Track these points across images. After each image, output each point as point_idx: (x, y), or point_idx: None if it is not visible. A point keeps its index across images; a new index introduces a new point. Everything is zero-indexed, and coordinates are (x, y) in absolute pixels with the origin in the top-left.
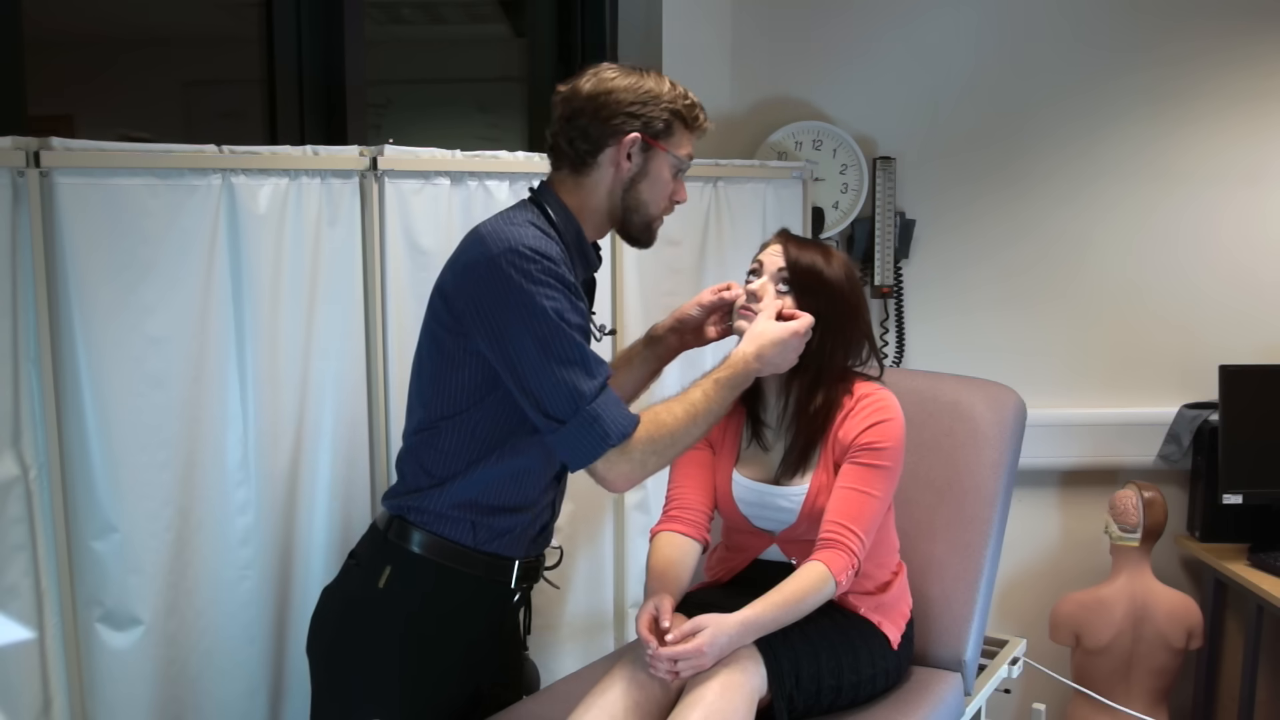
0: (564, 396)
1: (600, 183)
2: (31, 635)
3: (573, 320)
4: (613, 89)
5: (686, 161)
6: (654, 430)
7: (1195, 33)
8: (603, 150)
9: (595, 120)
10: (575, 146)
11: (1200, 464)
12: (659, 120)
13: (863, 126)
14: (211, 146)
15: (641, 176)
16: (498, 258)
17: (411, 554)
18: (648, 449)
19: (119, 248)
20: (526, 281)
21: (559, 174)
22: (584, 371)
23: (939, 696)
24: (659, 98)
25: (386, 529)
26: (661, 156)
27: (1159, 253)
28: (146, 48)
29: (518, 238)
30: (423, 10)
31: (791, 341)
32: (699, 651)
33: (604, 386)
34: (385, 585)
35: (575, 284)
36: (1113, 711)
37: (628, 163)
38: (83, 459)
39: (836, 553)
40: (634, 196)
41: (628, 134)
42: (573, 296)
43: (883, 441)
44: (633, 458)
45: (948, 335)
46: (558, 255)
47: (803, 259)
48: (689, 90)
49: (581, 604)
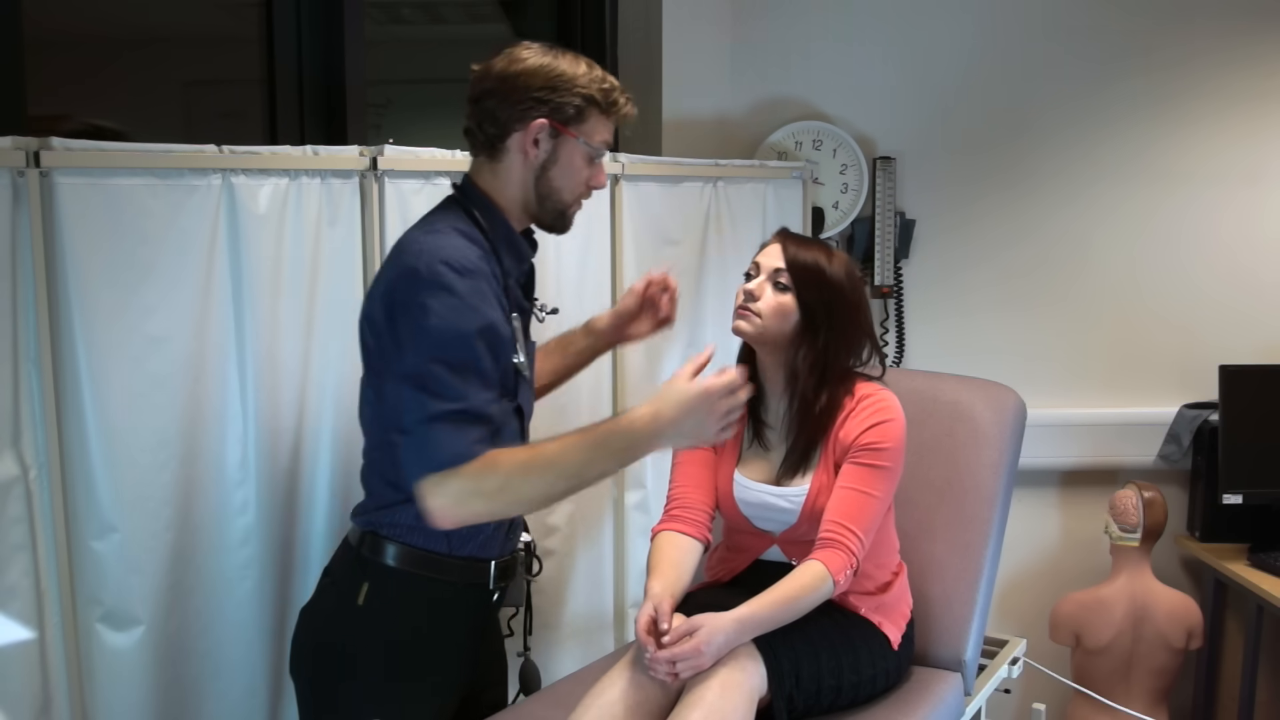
0: (411, 408)
1: (512, 169)
2: (31, 635)
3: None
4: (522, 71)
5: (602, 148)
6: (484, 470)
7: (1195, 33)
8: (510, 135)
9: (503, 103)
10: (484, 130)
11: (1200, 464)
12: (570, 106)
13: (863, 126)
14: (211, 146)
15: (552, 163)
16: (412, 271)
17: (388, 568)
18: (470, 488)
19: (119, 248)
20: (435, 297)
21: (477, 160)
22: (449, 391)
23: (939, 696)
24: (572, 81)
25: (359, 545)
26: (572, 143)
27: (1159, 253)
28: (146, 47)
29: (435, 252)
30: (423, 10)
31: (700, 404)
32: (696, 651)
33: (463, 413)
34: (365, 602)
35: (498, 291)
36: (1113, 711)
37: (535, 149)
38: (83, 459)
39: (835, 552)
40: (545, 184)
41: (535, 119)
42: (490, 306)
43: (883, 442)
44: (449, 491)
45: (948, 335)
46: (477, 265)
47: (803, 257)
48: (608, 74)
49: (581, 604)
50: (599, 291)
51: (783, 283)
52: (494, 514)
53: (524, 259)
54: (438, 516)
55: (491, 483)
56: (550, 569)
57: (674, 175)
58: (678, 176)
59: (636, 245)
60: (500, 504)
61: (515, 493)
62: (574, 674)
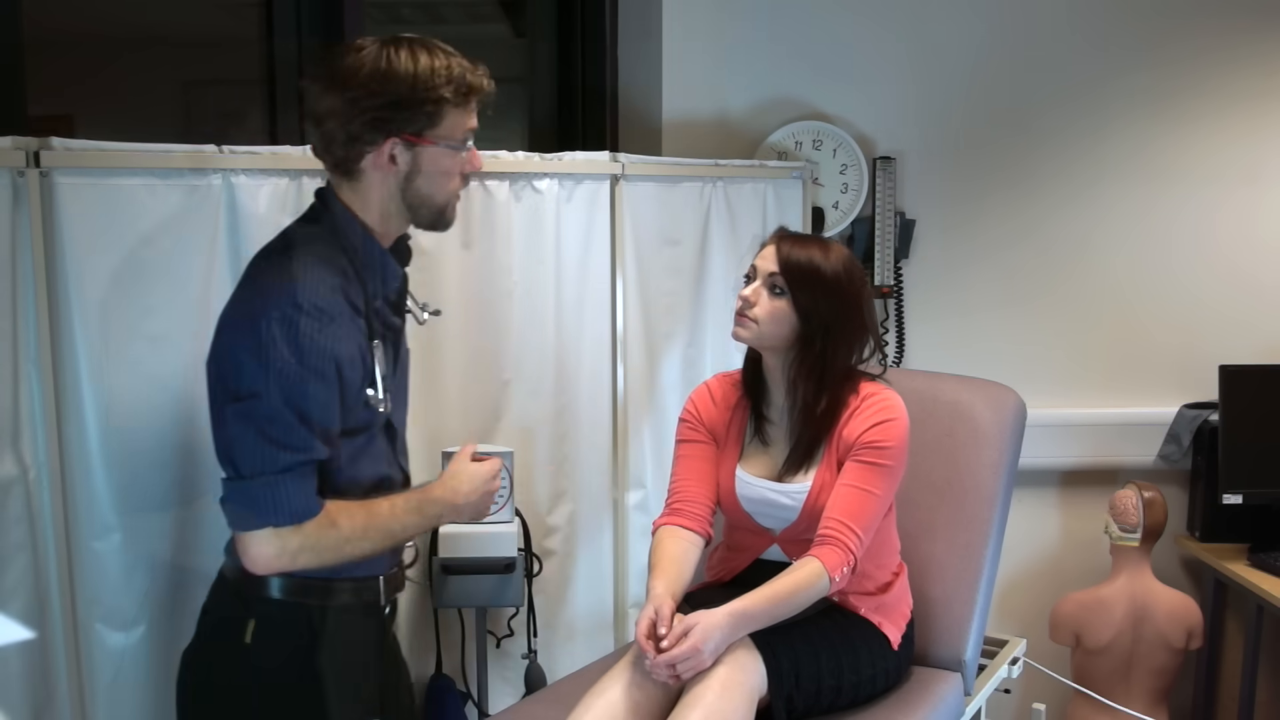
0: (252, 454)
1: (372, 188)
2: (32, 635)
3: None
4: (360, 87)
5: (467, 137)
6: (324, 528)
7: (1195, 32)
8: (362, 157)
9: (347, 124)
10: (332, 153)
11: (1200, 464)
12: (419, 115)
13: (863, 126)
14: (211, 146)
15: (415, 173)
16: (262, 308)
17: (274, 601)
18: (309, 544)
19: (119, 248)
20: (283, 338)
21: (334, 177)
22: (294, 440)
23: (939, 696)
24: (414, 89)
25: (239, 579)
26: (432, 149)
27: (1159, 253)
28: (146, 47)
29: (288, 289)
30: (423, 10)
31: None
32: (695, 650)
33: (307, 464)
34: (253, 640)
35: (356, 326)
36: (1113, 711)
37: (393, 165)
38: (83, 459)
39: (833, 549)
40: (413, 194)
41: (385, 139)
42: (341, 343)
43: (886, 441)
44: (286, 546)
45: (948, 335)
46: (329, 303)
47: (797, 256)
48: (451, 58)
49: (581, 604)
50: (599, 292)
51: (778, 287)
52: (316, 566)
53: (393, 279)
54: (260, 564)
55: (329, 540)
56: (550, 569)
57: (674, 175)
58: (678, 176)
59: (636, 245)
60: (328, 559)
61: (346, 552)
62: (574, 674)
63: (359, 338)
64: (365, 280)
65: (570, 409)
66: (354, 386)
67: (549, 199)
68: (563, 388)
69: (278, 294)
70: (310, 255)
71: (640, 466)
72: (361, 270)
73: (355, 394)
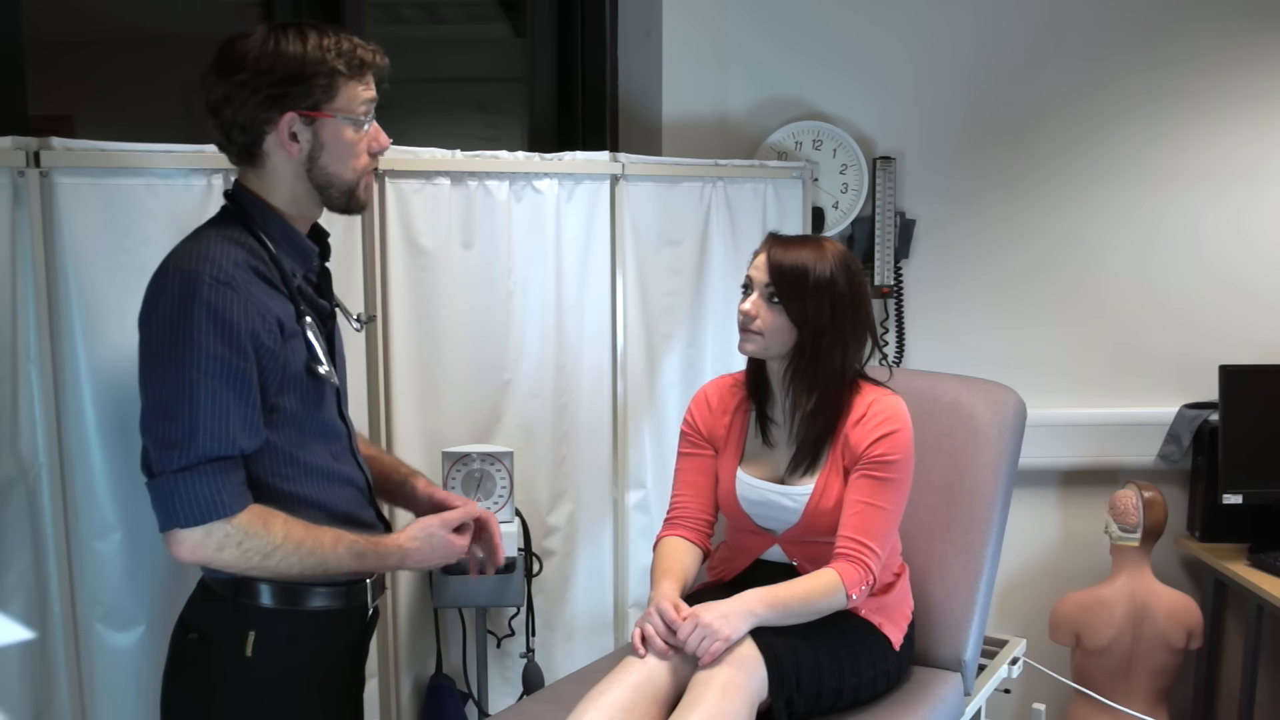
0: (168, 449)
1: (279, 170)
2: (32, 635)
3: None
4: (249, 69)
5: (367, 109)
6: (255, 527)
7: (1194, 33)
8: (264, 139)
9: (242, 108)
10: (234, 141)
11: (1200, 464)
12: (314, 88)
13: (863, 126)
14: (211, 146)
15: (319, 150)
16: (173, 289)
17: (270, 610)
18: (235, 538)
19: (119, 248)
20: (198, 321)
21: (240, 168)
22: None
23: (939, 696)
24: (304, 64)
25: (234, 593)
26: (332, 123)
27: (1159, 252)
28: (146, 47)
29: (197, 265)
30: (423, 10)
31: (443, 558)
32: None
33: (226, 458)
34: (254, 653)
35: (276, 299)
36: (1113, 711)
37: (295, 143)
38: (83, 459)
39: (852, 566)
40: (320, 173)
41: (282, 115)
42: (259, 318)
43: (892, 454)
44: (212, 536)
45: (948, 335)
46: (241, 275)
47: (787, 262)
48: (340, 35)
49: (581, 604)
50: (599, 292)
51: (774, 296)
52: (237, 569)
53: (308, 256)
54: (184, 551)
55: (257, 543)
56: (550, 569)
57: (674, 175)
58: (677, 176)
59: (636, 245)
60: (254, 561)
61: (273, 560)
62: (574, 674)
63: (283, 307)
64: (280, 260)
65: (570, 409)
66: (283, 354)
67: (549, 199)
68: (563, 388)
69: (185, 272)
70: (219, 234)
71: (640, 466)
72: (275, 245)
73: (289, 361)
